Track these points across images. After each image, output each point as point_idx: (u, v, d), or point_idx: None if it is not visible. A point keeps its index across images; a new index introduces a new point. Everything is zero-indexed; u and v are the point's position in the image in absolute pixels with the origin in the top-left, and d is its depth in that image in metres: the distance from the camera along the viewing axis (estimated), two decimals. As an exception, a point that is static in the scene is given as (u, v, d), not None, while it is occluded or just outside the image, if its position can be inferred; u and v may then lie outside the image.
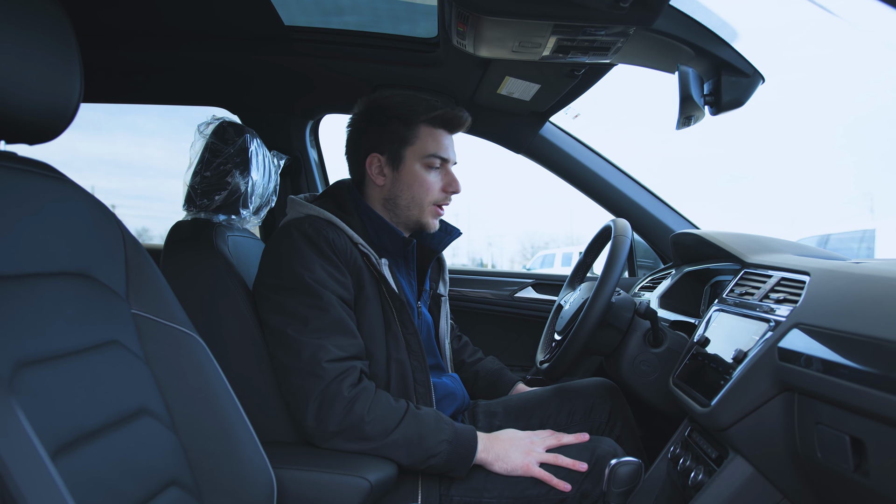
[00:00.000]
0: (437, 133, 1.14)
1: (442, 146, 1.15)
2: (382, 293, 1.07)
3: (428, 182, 1.14)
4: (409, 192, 1.14)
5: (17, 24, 0.64)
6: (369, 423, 0.95)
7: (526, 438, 1.06)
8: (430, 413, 1.01)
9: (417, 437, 0.97)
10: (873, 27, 0.65)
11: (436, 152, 1.13)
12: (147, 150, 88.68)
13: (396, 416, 0.97)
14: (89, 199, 0.77)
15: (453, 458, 0.99)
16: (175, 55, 1.55)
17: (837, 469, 0.61)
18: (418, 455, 0.97)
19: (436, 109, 1.13)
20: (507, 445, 1.04)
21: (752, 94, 1.15)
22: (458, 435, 1.00)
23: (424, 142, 1.13)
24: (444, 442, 0.98)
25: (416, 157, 1.13)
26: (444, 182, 1.16)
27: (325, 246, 1.02)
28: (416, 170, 1.14)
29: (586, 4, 0.94)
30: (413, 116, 1.12)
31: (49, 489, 0.50)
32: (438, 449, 0.97)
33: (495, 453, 1.03)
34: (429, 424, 0.99)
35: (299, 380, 0.96)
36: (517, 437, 1.06)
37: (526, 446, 1.04)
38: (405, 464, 0.98)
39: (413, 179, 1.14)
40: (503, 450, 1.03)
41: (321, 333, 0.97)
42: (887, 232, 4.78)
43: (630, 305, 1.21)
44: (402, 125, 1.13)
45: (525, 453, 1.03)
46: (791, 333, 0.71)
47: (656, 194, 1.75)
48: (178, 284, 0.92)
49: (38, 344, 0.62)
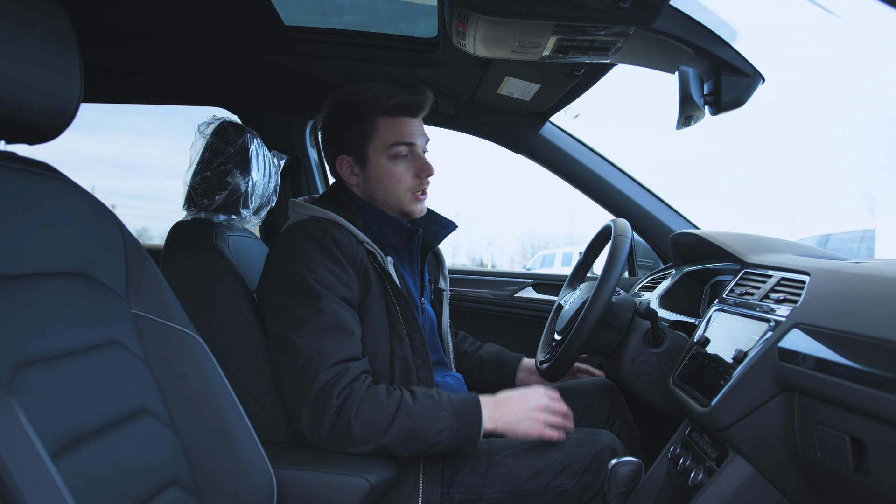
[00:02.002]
0: (398, 122, 1.13)
1: (403, 133, 1.13)
2: (387, 291, 1.07)
3: (397, 174, 1.13)
4: (382, 188, 1.14)
5: (17, 25, 0.64)
6: (357, 426, 0.93)
7: (535, 407, 1.04)
8: (426, 401, 0.98)
9: (413, 433, 0.95)
10: (873, 27, 0.65)
11: (397, 140, 1.12)
12: (146, 149, 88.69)
13: (387, 415, 0.95)
14: (89, 199, 0.77)
15: (457, 441, 0.97)
16: (175, 55, 1.55)
17: (837, 469, 0.61)
18: (418, 448, 0.96)
19: (391, 99, 1.11)
20: (518, 415, 1.02)
21: (752, 94, 1.15)
22: (458, 418, 0.98)
23: (384, 134, 1.12)
24: (444, 430, 0.96)
25: (379, 152, 1.13)
26: (415, 168, 1.14)
27: (332, 246, 1.02)
28: (382, 164, 1.13)
29: (586, 4, 0.94)
30: (369, 111, 1.12)
31: (49, 489, 0.50)
32: (437, 438, 0.96)
33: (504, 422, 1.02)
34: (424, 417, 0.96)
35: (294, 386, 0.96)
36: (527, 407, 1.03)
37: (535, 416, 1.03)
38: (407, 456, 0.97)
39: (381, 174, 1.13)
40: (514, 419, 1.02)
41: (318, 335, 0.96)
42: (887, 232, 4.78)
43: (630, 305, 1.21)
44: (361, 122, 1.12)
45: (534, 421, 1.02)
46: (791, 333, 0.71)
47: (656, 194, 1.75)
48: (179, 284, 0.92)
49: (38, 344, 0.62)
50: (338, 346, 0.96)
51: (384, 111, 1.12)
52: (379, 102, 1.11)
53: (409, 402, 0.97)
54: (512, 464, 1.05)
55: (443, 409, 0.98)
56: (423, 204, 1.18)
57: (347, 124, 1.14)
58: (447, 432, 0.96)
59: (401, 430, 0.94)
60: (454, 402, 0.99)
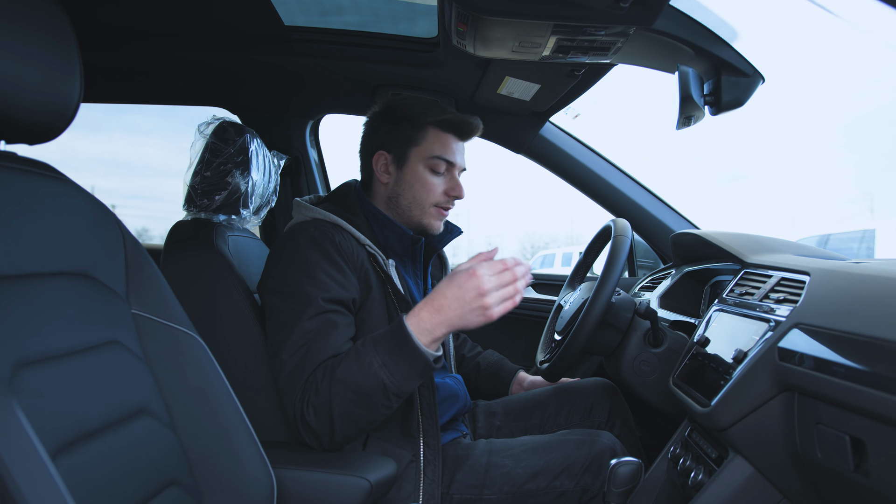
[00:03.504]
0: (445, 137, 1.14)
1: (448, 149, 1.14)
2: (388, 294, 1.07)
3: (430, 183, 1.14)
4: (411, 192, 1.14)
5: (17, 24, 0.64)
6: (312, 419, 0.91)
7: (474, 296, 0.89)
8: (348, 357, 0.92)
9: (353, 394, 0.90)
10: (873, 27, 0.65)
11: (441, 154, 1.13)
12: (145, 149, 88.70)
13: (325, 392, 0.90)
14: (89, 199, 0.77)
15: (403, 372, 0.90)
16: (175, 55, 1.55)
17: (837, 469, 0.61)
18: (375, 402, 0.90)
19: (446, 113, 1.13)
20: (458, 313, 0.90)
21: (752, 94, 1.15)
22: (386, 352, 0.90)
23: (431, 143, 1.13)
24: (377, 370, 0.89)
25: (420, 158, 1.14)
26: (448, 186, 1.16)
27: (332, 249, 1.01)
28: (420, 170, 1.14)
29: (586, 4, 0.94)
30: (422, 117, 1.13)
31: (49, 489, 0.50)
32: (377, 381, 0.89)
33: (447, 326, 0.91)
34: (351, 372, 0.90)
35: (284, 392, 0.96)
36: (465, 299, 0.90)
37: (477, 305, 0.90)
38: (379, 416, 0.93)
39: (415, 180, 1.14)
40: (456, 318, 0.91)
41: (307, 341, 0.95)
42: (887, 232, 4.78)
43: (630, 305, 1.21)
44: (411, 125, 1.13)
45: (480, 311, 0.90)
46: (791, 333, 0.71)
47: (656, 194, 1.75)
48: (179, 284, 0.92)
49: (38, 344, 0.62)
50: (321, 353, 0.95)
51: (436, 122, 1.13)
52: (434, 112, 1.13)
53: (335, 369, 0.91)
54: (511, 465, 1.05)
55: (365, 353, 0.91)
56: (441, 223, 1.18)
57: (396, 123, 1.15)
58: (382, 370, 0.89)
59: (341, 399, 0.90)
60: (377, 339, 0.92)
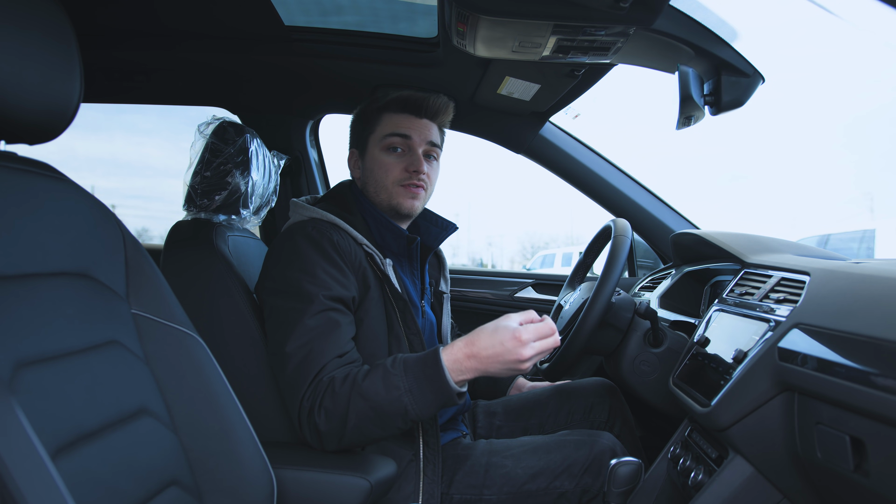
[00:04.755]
0: (399, 117, 1.15)
1: (400, 126, 1.14)
2: (386, 293, 1.07)
3: (387, 164, 1.14)
4: (373, 177, 1.15)
5: (17, 24, 0.64)
6: (322, 422, 0.91)
7: (514, 357, 0.89)
8: (375, 374, 0.91)
9: (372, 412, 0.89)
10: (873, 27, 0.65)
11: (392, 131, 1.13)
12: (145, 149, 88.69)
13: (343, 402, 0.90)
14: (89, 199, 0.77)
15: (427, 401, 0.89)
16: (175, 55, 1.55)
17: (837, 469, 0.61)
18: (389, 423, 0.90)
19: (396, 94, 1.14)
20: (497, 367, 0.90)
21: (752, 94, 1.15)
22: (415, 379, 0.89)
23: (384, 126, 1.15)
24: (402, 395, 0.88)
25: (376, 143, 1.15)
26: (406, 162, 1.14)
27: (330, 248, 1.01)
28: (377, 154, 1.15)
29: (586, 4, 0.94)
30: (376, 105, 1.15)
31: (49, 489, 0.50)
32: (399, 407, 0.88)
33: (482, 372, 0.91)
34: (376, 391, 0.89)
35: (287, 392, 0.96)
36: (505, 360, 0.89)
37: (516, 361, 0.89)
38: (389, 435, 0.93)
39: (374, 164, 1.15)
40: (493, 369, 0.90)
41: (308, 340, 0.95)
42: (887, 232, 4.78)
43: (630, 305, 1.21)
44: (368, 116, 1.16)
45: (518, 367, 0.90)
46: (791, 333, 0.71)
47: (656, 194, 1.75)
48: (178, 284, 0.92)
49: (38, 344, 0.62)
50: (326, 350, 0.95)
51: (386, 105, 1.15)
52: (386, 98, 1.15)
53: (359, 382, 0.90)
54: (511, 465, 1.05)
55: (394, 375, 0.90)
56: (416, 202, 1.15)
57: (359, 119, 1.18)
58: (407, 397, 0.88)
59: (359, 412, 0.89)
60: (409, 364, 0.91)
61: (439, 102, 1.16)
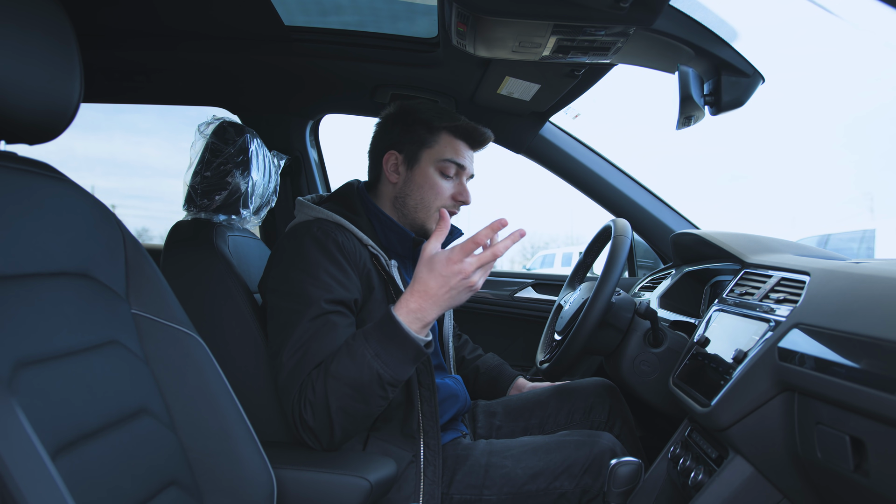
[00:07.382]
0: (457, 143, 1.16)
1: (460, 154, 1.16)
2: (390, 294, 1.07)
3: (439, 186, 1.15)
4: (419, 193, 1.15)
5: (17, 24, 0.64)
6: (309, 416, 0.91)
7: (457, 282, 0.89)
8: (341, 351, 0.92)
9: (349, 388, 0.90)
10: (873, 27, 0.65)
11: (453, 157, 1.15)
12: (144, 149, 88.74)
13: (321, 388, 0.91)
14: (89, 199, 0.77)
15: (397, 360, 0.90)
16: (175, 55, 1.55)
17: (837, 469, 0.61)
18: (371, 394, 0.91)
19: (460, 120, 1.15)
20: (446, 297, 0.91)
21: (752, 94, 1.15)
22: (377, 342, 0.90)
23: (443, 147, 1.15)
24: (369, 360, 0.89)
25: (431, 161, 1.15)
26: (456, 191, 1.17)
27: (335, 248, 1.01)
28: (430, 172, 1.15)
29: (586, 4, 0.94)
30: (437, 121, 1.15)
31: (49, 489, 0.50)
32: (371, 373, 0.89)
33: (437, 310, 0.91)
34: (346, 366, 0.90)
35: (280, 397, 0.96)
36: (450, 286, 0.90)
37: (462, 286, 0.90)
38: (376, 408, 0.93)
39: (424, 181, 1.15)
40: (444, 302, 0.91)
41: (307, 341, 0.95)
42: (887, 232, 4.78)
43: (630, 305, 1.21)
44: (425, 128, 1.15)
45: (466, 291, 0.91)
46: (791, 333, 0.71)
47: (656, 194, 1.75)
48: (179, 284, 0.92)
49: (37, 344, 0.62)
50: (319, 353, 0.94)
51: (449, 127, 1.15)
52: (448, 118, 1.15)
53: (329, 366, 0.92)
54: (511, 465, 1.05)
55: (356, 346, 0.91)
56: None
57: (410, 125, 1.16)
58: (376, 361, 0.89)
59: (338, 394, 0.90)
60: (368, 331, 0.93)
61: (487, 137, 1.19)
